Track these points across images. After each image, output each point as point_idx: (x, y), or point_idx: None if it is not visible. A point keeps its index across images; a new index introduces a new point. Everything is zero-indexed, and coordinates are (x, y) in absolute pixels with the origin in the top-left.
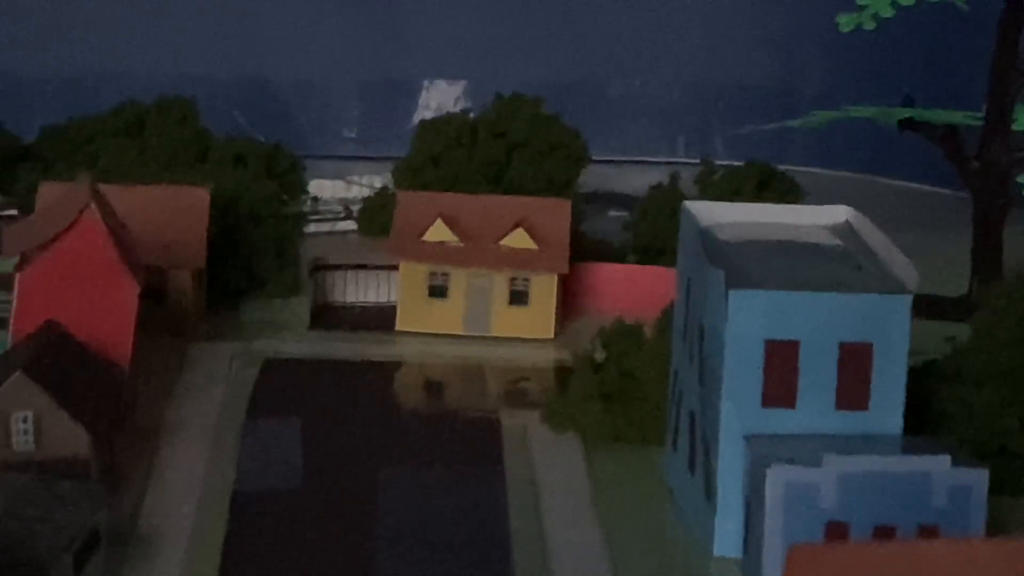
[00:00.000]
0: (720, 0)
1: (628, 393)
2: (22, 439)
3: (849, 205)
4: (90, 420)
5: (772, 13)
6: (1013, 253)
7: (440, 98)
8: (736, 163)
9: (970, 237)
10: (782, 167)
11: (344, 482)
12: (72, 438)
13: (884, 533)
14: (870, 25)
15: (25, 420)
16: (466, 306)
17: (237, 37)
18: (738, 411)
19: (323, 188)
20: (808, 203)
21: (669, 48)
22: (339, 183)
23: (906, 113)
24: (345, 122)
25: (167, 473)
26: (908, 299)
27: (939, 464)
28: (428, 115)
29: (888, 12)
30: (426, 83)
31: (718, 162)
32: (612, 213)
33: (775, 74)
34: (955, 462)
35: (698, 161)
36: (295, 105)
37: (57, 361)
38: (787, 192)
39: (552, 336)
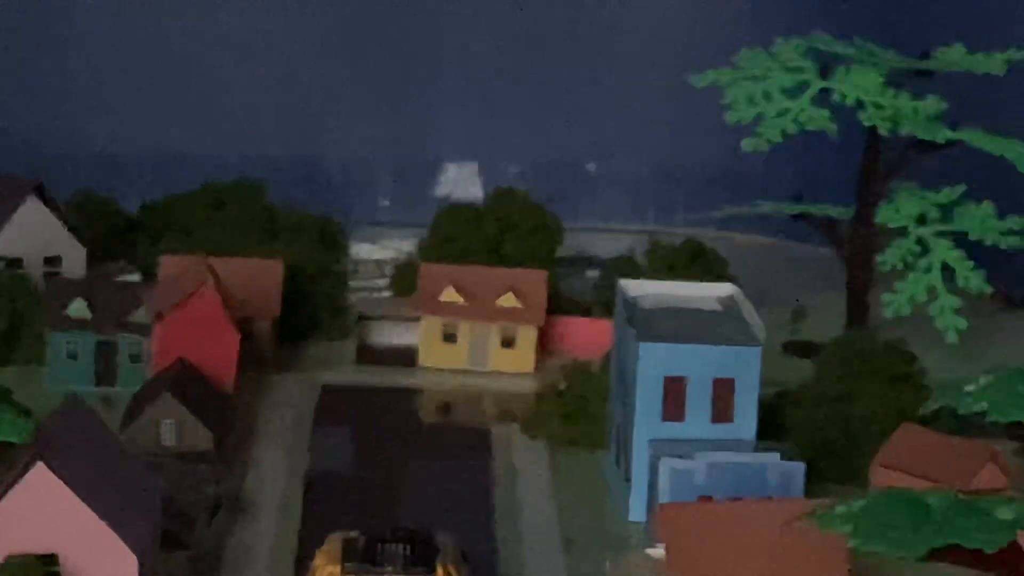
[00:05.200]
0: (681, 97)
1: (580, 412)
2: (167, 437)
3: (774, 267)
4: (212, 425)
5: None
6: (876, 311)
7: (456, 174)
8: (693, 229)
9: None
10: (729, 233)
11: (382, 468)
12: (201, 437)
13: None
14: (764, 148)
15: (170, 425)
16: (470, 348)
17: (293, 125)
18: (646, 424)
19: (361, 250)
20: (736, 267)
21: (640, 134)
22: (374, 246)
23: (797, 208)
24: (379, 193)
25: (261, 462)
26: (759, 350)
27: (772, 459)
28: (447, 189)
29: (778, 138)
30: (444, 164)
31: (678, 229)
32: (589, 273)
33: (725, 158)
34: (783, 458)
35: (665, 229)
36: (340, 179)
37: (188, 385)
38: (713, 264)
39: (532, 371)
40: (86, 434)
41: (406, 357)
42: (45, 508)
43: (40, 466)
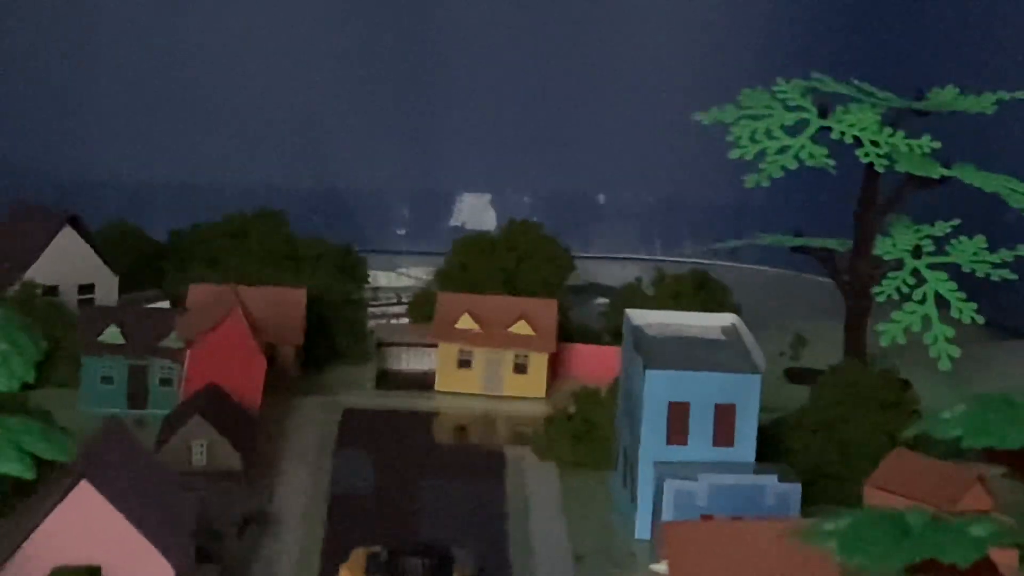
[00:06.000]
0: (688, 132)
1: (589, 434)
2: (198, 458)
3: (778, 297)
4: (240, 446)
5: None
6: (873, 339)
7: (470, 205)
8: (699, 260)
9: None
10: (734, 263)
11: (401, 488)
12: (230, 457)
13: None
14: (766, 183)
15: (201, 446)
16: (484, 374)
17: (313, 156)
18: (651, 447)
19: (378, 278)
20: (740, 296)
21: (648, 167)
22: (392, 274)
23: (797, 241)
24: (397, 222)
25: (286, 480)
26: (759, 377)
27: (770, 480)
28: (461, 219)
29: (778, 174)
30: (459, 194)
31: (684, 259)
32: (599, 300)
33: (730, 191)
34: (780, 479)
35: (672, 259)
36: (359, 208)
37: (218, 408)
38: (717, 293)
39: (544, 395)
40: (125, 454)
41: (423, 382)
42: (88, 523)
43: (84, 484)
